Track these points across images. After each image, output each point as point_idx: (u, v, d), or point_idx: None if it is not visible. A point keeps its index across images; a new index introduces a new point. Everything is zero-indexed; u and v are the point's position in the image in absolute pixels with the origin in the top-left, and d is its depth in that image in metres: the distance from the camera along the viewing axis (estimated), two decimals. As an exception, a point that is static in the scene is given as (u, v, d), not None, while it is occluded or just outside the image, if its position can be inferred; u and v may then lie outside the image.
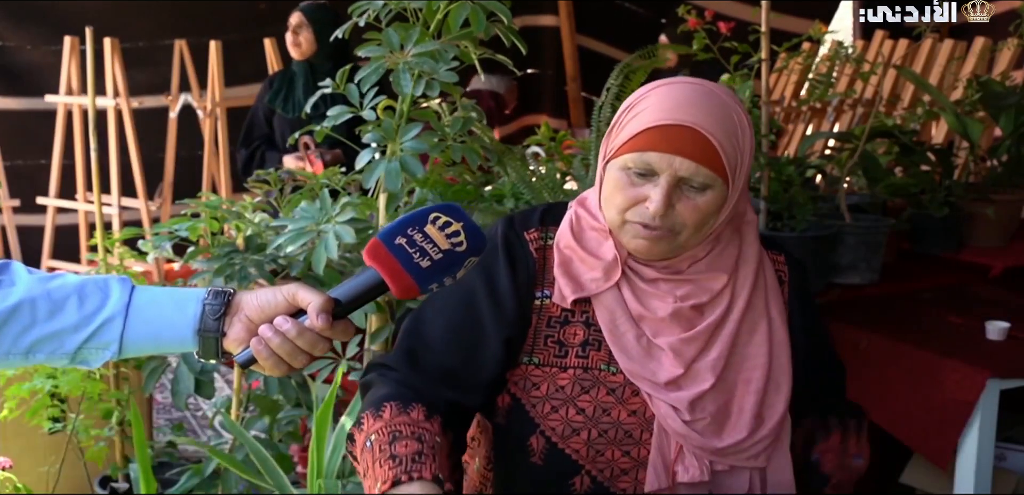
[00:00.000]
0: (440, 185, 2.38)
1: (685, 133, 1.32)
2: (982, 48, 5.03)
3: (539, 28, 7.00)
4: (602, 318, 1.41)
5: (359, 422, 1.39)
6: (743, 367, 1.43)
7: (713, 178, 1.33)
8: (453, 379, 1.42)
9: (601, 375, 1.40)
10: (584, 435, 1.40)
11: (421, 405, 1.37)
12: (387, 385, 1.42)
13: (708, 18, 2.91)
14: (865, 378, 2.51)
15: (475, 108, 2.16)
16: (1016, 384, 2.35)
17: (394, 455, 1.30)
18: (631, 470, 1.41)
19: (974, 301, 2.87)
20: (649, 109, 1.35)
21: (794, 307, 1.50)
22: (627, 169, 1.36)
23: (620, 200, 1.36)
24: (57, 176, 4.95)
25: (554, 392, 1.41)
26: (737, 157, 1.36)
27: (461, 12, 1.92)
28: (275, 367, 1.19)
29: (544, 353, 1.42)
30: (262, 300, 1.21)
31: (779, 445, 1.45)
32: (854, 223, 2.89)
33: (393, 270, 1.18)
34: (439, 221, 1.20)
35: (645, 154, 1.33)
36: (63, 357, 1.21)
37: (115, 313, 1.20)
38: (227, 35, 5.21)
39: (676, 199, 1.33)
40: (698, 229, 1.36)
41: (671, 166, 1.32)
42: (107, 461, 2.87)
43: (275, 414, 2.37)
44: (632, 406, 1.40)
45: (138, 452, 2.31)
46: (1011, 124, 3.41)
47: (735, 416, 1.42)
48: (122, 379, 2.83)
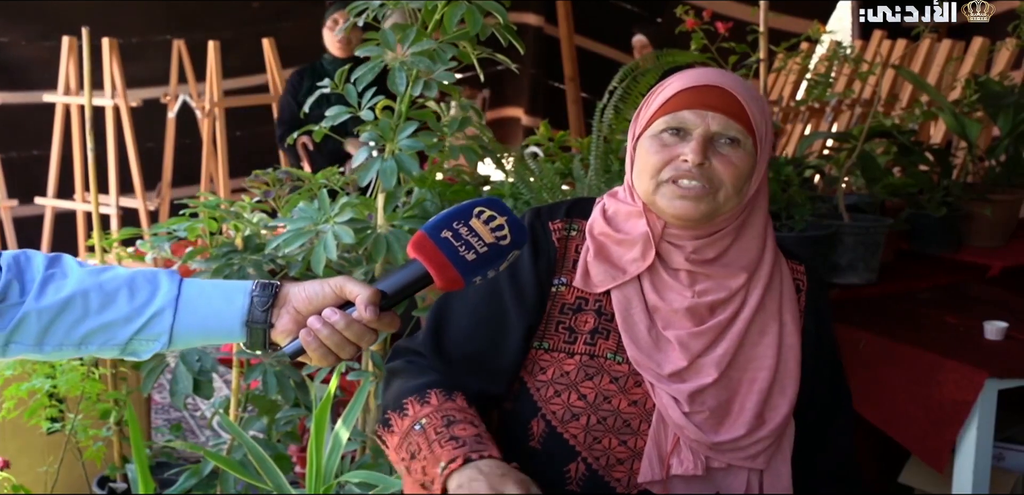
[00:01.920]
0: (438, 185, 2.38)
1: (715, 91, 1.39)
2: (980, 48, 5.03)
3: (523, 25, 7.07)
4: (618, 305, 1.42)
5: (401, 407, 1.40)
6: (749, 367, 1.44)
7: (743, 133, 1.39)
8: (478, 367, 1.45)
9: (606, 363, 1.42)
10: (583, 421, 1.42)
11: (462, 394, 1.40)
12: (424, 373, 1.43)
13: (706, 18, 2.92)
14: (863, 378, 2.51)
15: (473, 107, 2.15)
16: (1014, 384, 2.35)
17: (454, 437, 1.32)
18: (627, 460, 1.42)
19: (972, 301, 2.87)
20: (677, 81, 1.43)
21: (809, 318, 1.51)
22: (659, 134, 1.41)
23: (655, 162, 1.40)
24: (55, 174, 4.95)
25: (559, 377, 1.43)
26: (763, 123, 1.41)
27: (457, 11, 1.92)
28: (323, 358, 1.22)
29: (554, 338, 1.45)
30: (310, 292, 1.23)
31: (779, 451, 1.45)
32: (852, 223, 2.90)
33: (439, 263, 1.20)
34: (483, 215, 1.23)
35: (679, 113, 1.39)
36: (115, 348, 1.23)
37: (165, 305, 1.22)
38: (221, 33, 5.22)
39: (711, 154, 1.38)
40: (736, 188, 1.39)
41: (704, 121, 1.38)
42: (105, 461, 2.87)
43: (273, 414, 2.37)
44: (633, 396, 1.42)
45: (136, 452, 2.31)
46: (1009, 124, 3.41)
47: (735, 414, 1.42)
48: (120, 379, 2.83)
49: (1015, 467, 2.71)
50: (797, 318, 1.48)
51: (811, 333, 1.50)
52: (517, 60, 1.98)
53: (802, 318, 1.49)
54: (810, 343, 1.49)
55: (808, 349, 1.48)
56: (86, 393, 2.70)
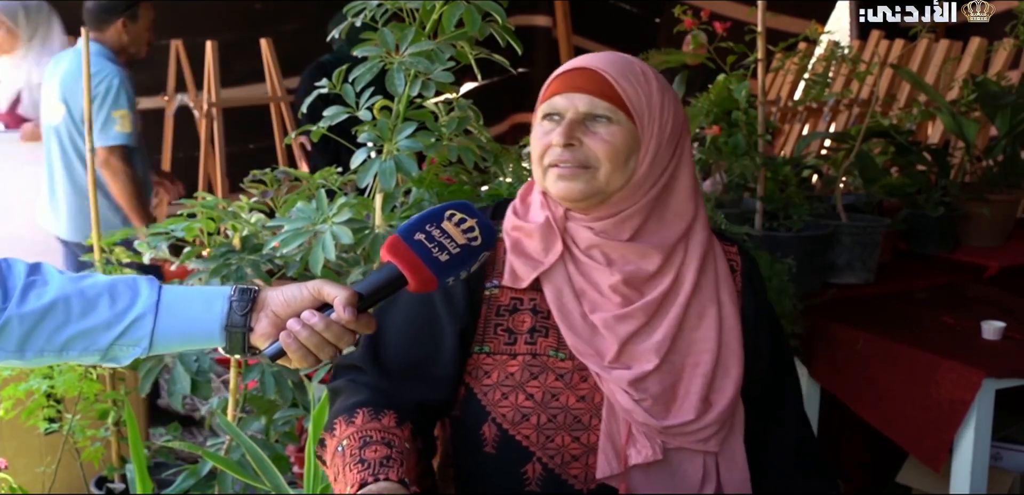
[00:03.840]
0: (437, 185, 2.38)
1: (583, 73, 1.44)
2: (978, 48, 5.04)
3: (533, 28, 7.04)
4: (550, 297, 1.44)
5: (332, 427, 1.41)
6: (691, 351, 1.45)
7: (613, 111, 1.42)
8: (415, 374, 1.46)
9: (549, 361, 1.44)
10: (533, 420, 1.42)
11: (393, 412, 1.40)
12: (359, 391, 1.44)
13: (704, 18, 2.92)
14: (860, 378, 2.52)
15: (472, 108, 2.16)
16: (1012, 384, 2.35)
17: (363, 459, 1.32)
18: (582, 456, 1.42)
19: (970, 301, 2.87)
20: (558, 70, 1.49)
21: (747, 295, 1.53)
22: (541, 122, 1.46)
23: (538, 149, 1.46)
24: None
25: (504, 379, 1.44)
26: (642, 102, 1.43)
27: (455, 11, 1.92)
28: (303, 359, 1.24)
29: (495, 342, 1.45)
30: (288, 295, 1.25)
31: (731, 433, 1.47)
32: (850, 223, 2.90)
33: (413, 264, 1.23)
34: (455, 217, 1.27)
35: (552, 100, 1.45)
36: (95, 353, 1.24)
37: (145, 310, 1.24)
38: (223, 35, 5.21)
39: (582, 133, 1.42)
40: (615, 165, 1.41)
41: (572, 103, 1.43)
42: (103, 461, 2.87)
43: (271, 415, 2.37)
44: (580, 391, 1.43)
45: (134, 453, 2.31)
46: (1007, 124, 3.42)
47: (681, 399, 1.44)
48: (118, 379, 2.83)
49: (1013, 466, 2.71)
50: (735, 298, 1.50)
51: (749, 310, 1.52)
52: (525, 63, 1.98)
53: (740, 298, 1.51)
54: (749, 320, 1.51)
55: (748, 327, 1.50)
56: (84, 393, 2.69)
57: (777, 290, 2.50)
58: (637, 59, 1.49)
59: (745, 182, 3.09)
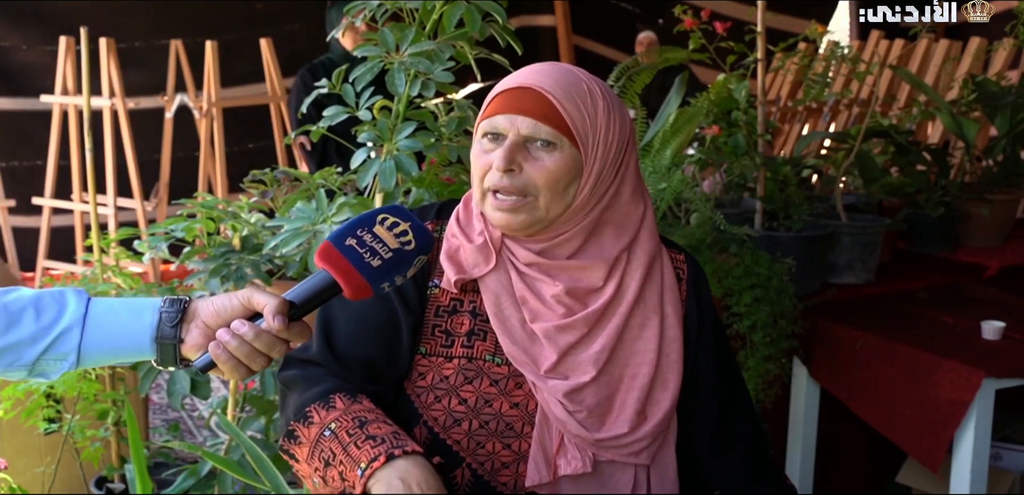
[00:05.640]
0: (436, 185, 2.38)
1: (527, 93, 1.36)
2: (978, 48, 5.04)
3: (536, 28, 7.03)
4: (488, 301, 1.41)
5: (305, 416, 1.38)
6: (630, 362, 1.42)
7: (556, 136, 1.35)
8: (373, 370, 1.43)
9: (485, 366, 1.41)
10: (465, 426, 1.40)
11: (365, 396, 1.38)
12: (323, 380, 1.41)
13: (704, 18, 2.92)
14: (860, 378, 2.52)
15: (472, 108, 2.16)
16: (1011, 384, 2.35)
17: (371, 436, 1.30)
18: (512, 463, 1.41)
19: (970, 301, 2.87)
20: (502, 83, 1.40)
21: (691, 305, 1.49)
22: (481, 139, 1.40)
23: (478, 169, 1.40)
24: (53, 176, 4.94)
25: (438, 382, 1.42)
26: (586, 125, 1.37)
27: (455, 12, 1.93)
28: (234, 370, 1.21)
29: (431, 343, 1.43)
30: (218, 305, 1.22)
31: (664, 445, 1.44)
32: (850, 223, 2.90)
33: (345, 270, 1.20)
34: (387, 222, 1.24)
35: (494, 118, 1.38)
36: (21, 369, 1.22)
37: (72, 324, 1.21)
38: (223, 35, 5.21)
39: (523, 159, 1.36)
40: (554, 193, 1.36)
41: (514, 125, 1.36)
42: (103, 461, 2.87)
43: (271, 415, 2.37)
44: (515, 399, 1.40)
45: (134, 452, 2.31)
46: (1007, 124, 3.42)
47: (616, 411, 1.41)
48: (118, 379, 2.83)
49: (1012, 466, 2.71)
50: (679, 308, 1.46)
51: (693, 320, 1.48)
52: (529, 63, 1.98)
53: (684, 307, 1.48)
54: (692, 331, 1.48)
55: (690, 338, 1.47)
56: (83, 393, 2.69)
57: (777, 290, 2.50)
58: (584, 74, 1.42)
59: (745, 182, 3.09)
